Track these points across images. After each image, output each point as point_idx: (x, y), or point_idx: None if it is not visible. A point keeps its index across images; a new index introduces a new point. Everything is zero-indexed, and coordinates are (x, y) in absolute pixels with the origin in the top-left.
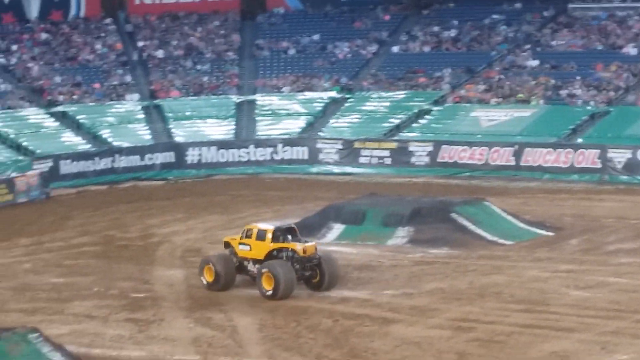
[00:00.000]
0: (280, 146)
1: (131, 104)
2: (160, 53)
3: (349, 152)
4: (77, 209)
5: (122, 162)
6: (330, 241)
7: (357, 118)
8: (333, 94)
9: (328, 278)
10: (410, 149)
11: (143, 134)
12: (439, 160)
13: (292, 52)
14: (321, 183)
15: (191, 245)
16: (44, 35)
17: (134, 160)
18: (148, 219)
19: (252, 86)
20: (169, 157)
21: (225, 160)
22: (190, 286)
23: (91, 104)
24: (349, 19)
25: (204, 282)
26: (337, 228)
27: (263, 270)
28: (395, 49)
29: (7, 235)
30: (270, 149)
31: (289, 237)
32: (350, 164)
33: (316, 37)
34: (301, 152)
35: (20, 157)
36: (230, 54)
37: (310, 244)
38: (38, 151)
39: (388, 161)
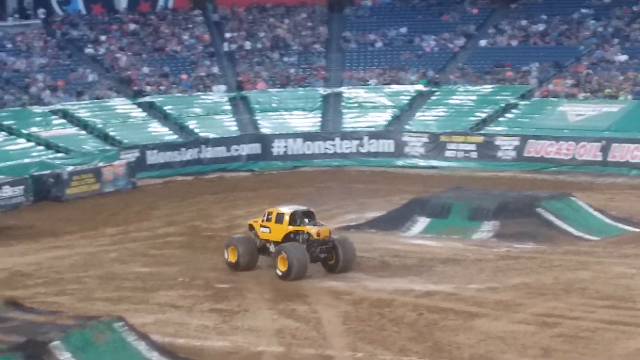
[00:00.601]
0: (366, 139)
1: (218, 95)
2: (247, 44)
3: (435, 145)
4: (163, 199)
5: (209, 153)
6: (416, 234)
7: (443, 111)
8: (420, 87)
9: (343, 260)
10: (497, 143)
11: (229, 125)
12: (525, 154)
13: (379, 44)
14: (407, 176)
15: None
16: (132, 26)
17: (220, 152)
18: (233, 210)
19: (338, 79)
20: (255, 148)
21: (311, 153)
22: (275, 277)
23: (178, 94)
24: (437, 12)
25: (228, 262)
26: (423, 221)
27: (278, 252)
28: (482, 42)
29: (94, 224)
30: (356, 142)
31: (306, 220)
32: (436, 157)
33: (403, 30)
34: (387, 145)
35: (108, 147)
36: (317, 47)
37: (324, 227)
38: (125, 141)
39: (474, 155)
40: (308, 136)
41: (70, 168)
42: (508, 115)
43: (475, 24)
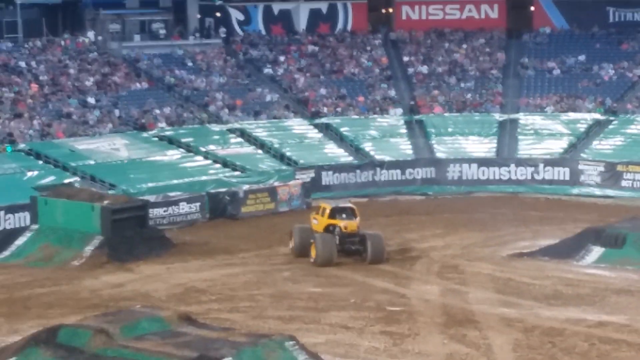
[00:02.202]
0: (541, 166)
1: (394, 118)
2: (424, 69)
3: (611, 174)
4: None
5: (383, 175)
6: (589, 264)
7: (620, 141)
8: (597, 115)
9: (371, 253)
10: None
11: (405, 148)
12: None
13: (556, 72)
14: (581, 205)
15: (448, 262)
16: (311, 48)
17: (395, 174)
18: (407, 234)
19: (515, 105)
20: (429, 172)
21: (486, 178)
22: (447, 302)
23: (355, 117)
24: (616, 40)
25: (290, 246)
26: (597, 251)
27: (311, 241)
28: None
29: (268, 243)
30: (531, 169)
31: (344, 215)
32: (612, 186)
33: (582, 57)
34: (562, 173)
35: (283, 167)
36: (494, 72)
37: (352, 221)
38: (301, 161)
39: None
40: (483, 162)
41: (246, 187)
42: None
43: None
